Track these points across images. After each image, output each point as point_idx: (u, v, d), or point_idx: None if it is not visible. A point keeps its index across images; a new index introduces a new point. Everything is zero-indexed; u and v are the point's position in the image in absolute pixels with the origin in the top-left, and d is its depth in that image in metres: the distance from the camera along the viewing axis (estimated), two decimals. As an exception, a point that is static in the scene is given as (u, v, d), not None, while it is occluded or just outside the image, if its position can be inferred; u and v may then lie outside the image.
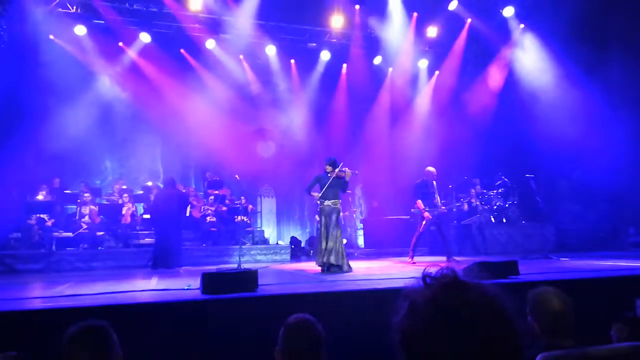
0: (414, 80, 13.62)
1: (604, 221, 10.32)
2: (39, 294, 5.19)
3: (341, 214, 7.67)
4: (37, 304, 4.36)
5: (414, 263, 8.18)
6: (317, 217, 7.25)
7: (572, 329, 2.33)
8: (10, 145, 8.89)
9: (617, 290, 4.74)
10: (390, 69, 13.49)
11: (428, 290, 0.96)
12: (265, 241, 11.36)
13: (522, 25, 11.83)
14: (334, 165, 7.29)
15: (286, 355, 2.17)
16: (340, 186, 7.30)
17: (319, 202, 7.24)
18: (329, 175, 7.26)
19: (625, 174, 9.79)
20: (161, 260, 8.49)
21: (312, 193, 7.37)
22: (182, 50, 12.13)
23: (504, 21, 11.98)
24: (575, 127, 9.72)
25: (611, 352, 1.90)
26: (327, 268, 6.95)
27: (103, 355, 1.92)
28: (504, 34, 12.13)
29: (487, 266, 5.05)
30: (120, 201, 10.58)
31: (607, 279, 5.12)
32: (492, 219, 10.75)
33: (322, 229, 7.12)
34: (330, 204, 7.18)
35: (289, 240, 11.74)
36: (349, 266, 7.09)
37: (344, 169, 7.30)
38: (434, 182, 8.62)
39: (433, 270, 1.02)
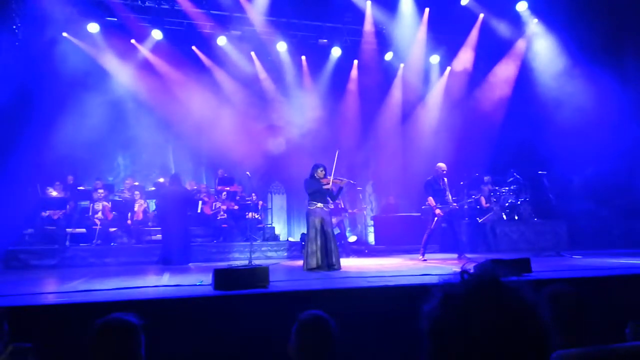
0: (425, 76, 13.53)
1: (617, 218, 10.20)
2: (53, 289, 5.24)
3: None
4: (52, 299, 4.40)
5: (425, 260, 8.16)
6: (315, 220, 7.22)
7: (587, 327, 2.32)
8: (24, 142, 8.98)
9: (631, 288, 4.69)
10: (402, 65, 13.41)
11: (464, 285, 0.97)
12: (276, 238, 11.38)
13: (535, 20, 11.71)
14: (326, 171, 7.34)
15: (299, 350, 2.18)
16: (329, 193, 7.35)
17: (310, 204, 7.26)
18: (321, 181, 7.29)
19: (638, 170, 9.67)
20: (168, 257, 8.57)
21: (310, 204, 7.26)
22: (193, 47, 12.18)
23: (518, 16, 11.86)
24: (588, 123, 9.61)
25: (626, 350, 1.88)
26: (328, 267, 6.91)
27: (126, 355, 1.94)
28: (517, 29, 12.01)
29: (499, 263, 5.01)
30: (131, 196, 10.67)
31: (620, 276, 5.06)
32: (504, 216, 10.67)
33: (313, 231, 7.09)
34: (322, 206, 7.24)
35: (300, 237, 11.74)
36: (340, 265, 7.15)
37: (340, 178, 7.39)
38: (445, 179, 8.57)
39: (471, 266, 1.03)
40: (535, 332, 0.91)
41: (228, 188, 11.33)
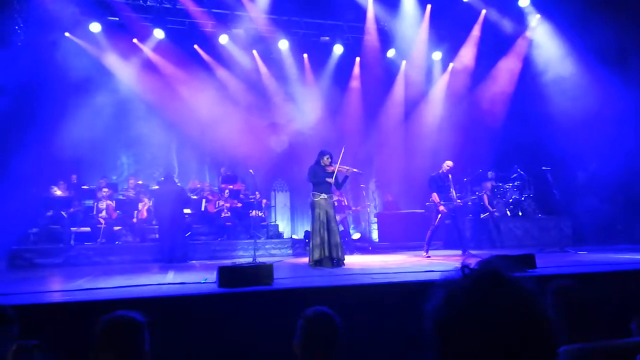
0: (428, 72, 13.49)
1: (621, 214, 10.16)
2: (59, 288, 5.27)
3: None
4: (57, 297, 4.42)
5: (429, 257, 8.16)
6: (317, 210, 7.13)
7: (593, 322, 2.31)
8: (28, 142, 9.00)
9: (636, 284, 4.68)
10: (404, 62, 13.37)
11: (466, 281, 0.95)
12: (279, 235, 11.39)
13: (538, 16, 11.65)
14: (332, 159, 7.22)
15: (305, 347, 2.19)
16: (335, 181, 7.23)
17: (313, 195, 7.16)
18: (326, 168, 7.17)
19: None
20: (165, 255, 8.61)
21: (314, 195, 7.15)
22: (195, 46, 12.17)
23: (520, 11, 11.81)
24: (593, 119, 9.57)
25: (632, 345, 1.88)
26: (332, 262, 6.89)
27: (131, 351, 1.95)
28: (519, 25, 11.96)
29: (504, 260, 5.00)
30: (135, 195, 10.69)
31: (625, 272, 5.05)
32: (508, 212, 10.65)
33: (318, 223, 7.00)
34: (326, 197, 7.13)
35: (303, 234, 11.75)
36: (344, 260, 7.11)
37: (346, 167, 7.28)
38: (450, 176, 8.56)
39: (472, 261, 1.01)
40: (541, 323, 0.90)
41: (231, 186, 11.35)
